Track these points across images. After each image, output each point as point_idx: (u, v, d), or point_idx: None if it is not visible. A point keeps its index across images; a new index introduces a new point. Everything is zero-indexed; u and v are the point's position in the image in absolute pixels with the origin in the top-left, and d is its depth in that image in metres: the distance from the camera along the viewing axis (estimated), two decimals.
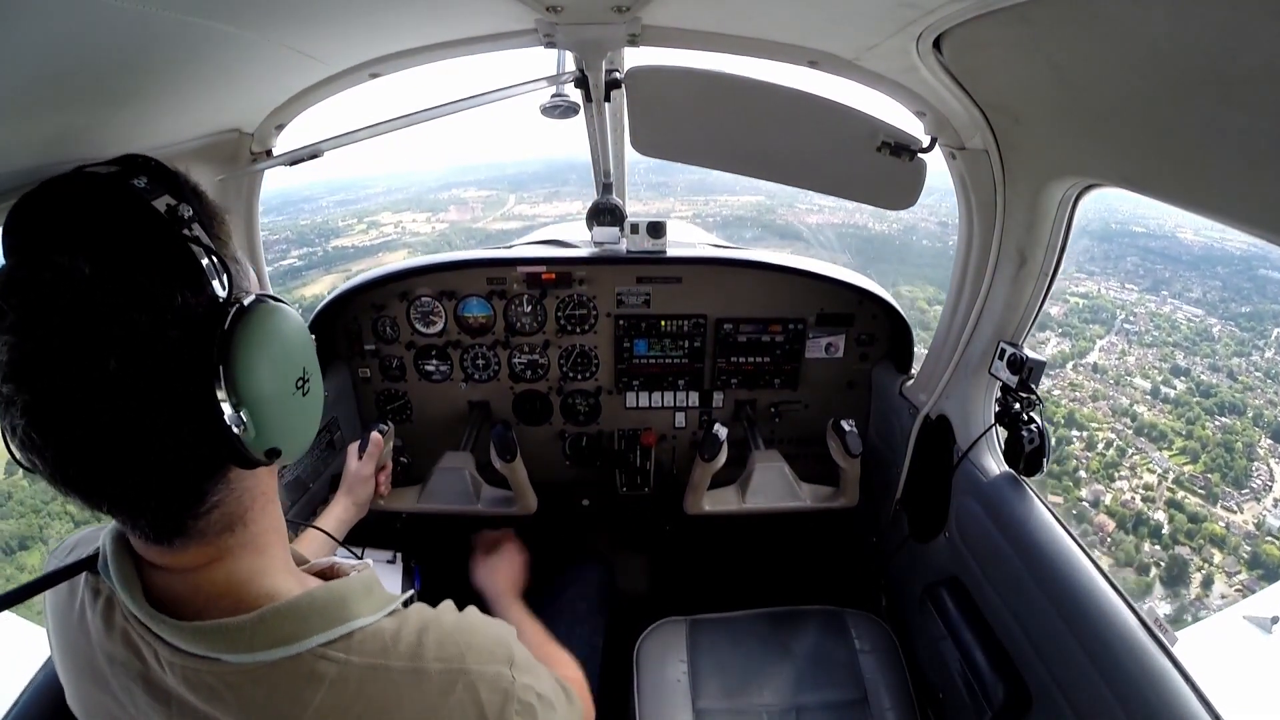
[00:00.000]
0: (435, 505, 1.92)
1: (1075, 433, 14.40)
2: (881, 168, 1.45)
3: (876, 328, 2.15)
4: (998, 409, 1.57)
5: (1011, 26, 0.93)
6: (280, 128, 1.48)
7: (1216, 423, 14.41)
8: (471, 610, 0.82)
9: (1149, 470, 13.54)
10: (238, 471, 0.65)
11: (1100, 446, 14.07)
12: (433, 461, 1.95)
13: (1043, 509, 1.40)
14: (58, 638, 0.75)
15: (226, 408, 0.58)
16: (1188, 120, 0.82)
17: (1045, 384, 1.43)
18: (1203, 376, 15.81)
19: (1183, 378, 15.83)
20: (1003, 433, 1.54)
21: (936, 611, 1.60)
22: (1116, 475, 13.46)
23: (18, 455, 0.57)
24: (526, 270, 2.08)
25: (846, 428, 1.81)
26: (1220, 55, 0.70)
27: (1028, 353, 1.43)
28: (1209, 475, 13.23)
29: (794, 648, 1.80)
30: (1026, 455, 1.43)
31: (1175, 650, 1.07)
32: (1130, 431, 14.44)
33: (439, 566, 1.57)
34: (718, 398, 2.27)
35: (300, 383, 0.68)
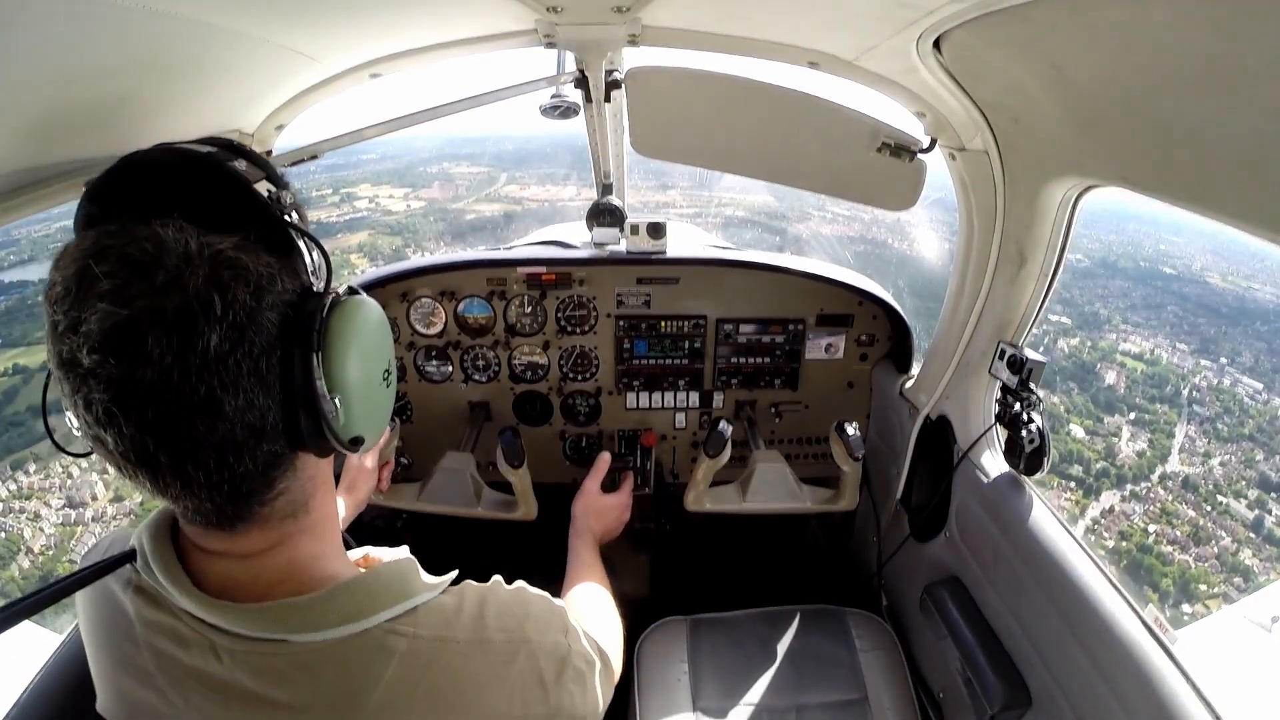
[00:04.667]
0: (435, 505, 1.91)
1: (1187, 607, 12.27)
2: (881, 168, 1.45)
3: (876, 328, 2.15)
4: (998, 409, 1.57)
5: (1011, 27, 0.93)
6: (280, 128, 1.48)
7: None
8: (521, 583, 0.85)
9: None
10: (304, 459, 0.66)
11: None
12: (433, 462, 1.95)
13: (1043, 509, 1.40)
14: (93, 639, 0.73)
15: (324, 394, 0.60)
16: (1188, 120, 0.82)
17: (1137, 510, 1.40)
18: None
19: (1275, 494, 14.93)
20: (1003, 433, 1.54)
21: (937, 611, 1.60)
22: None
23: (82, 433, 0.56)
24: (526, 271, 2.08)
25: (850, 430, 1.80)
26: (1220, 55, 0.70)
27: (1028, 353, 1.43)
28: None
29: (794, 648, 1.80)
30: (1027, 455, 1.43)
31: (1175, 650, 1.07)
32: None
33: (433, 570, 1.56)
34: (718, 398, 2.27)
35: (385, 374, 0.71)
